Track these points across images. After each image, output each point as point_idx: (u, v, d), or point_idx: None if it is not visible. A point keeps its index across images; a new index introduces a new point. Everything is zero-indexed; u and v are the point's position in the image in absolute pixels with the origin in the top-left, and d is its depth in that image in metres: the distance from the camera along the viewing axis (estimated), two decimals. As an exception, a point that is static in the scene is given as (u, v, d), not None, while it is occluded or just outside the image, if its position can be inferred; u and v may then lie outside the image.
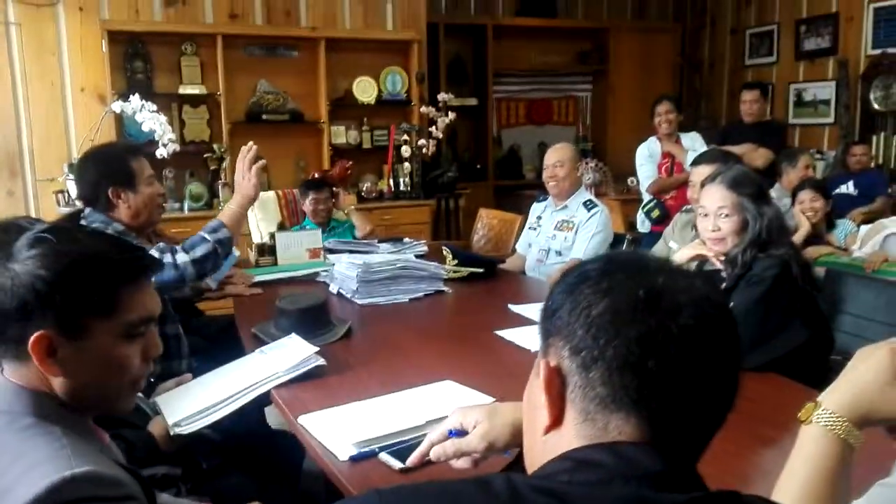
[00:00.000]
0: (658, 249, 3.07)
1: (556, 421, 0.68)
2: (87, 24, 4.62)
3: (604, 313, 0.65)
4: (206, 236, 2.22)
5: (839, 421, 0.90)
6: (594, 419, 0.65)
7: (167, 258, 2.17)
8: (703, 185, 2.11)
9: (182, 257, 2.18)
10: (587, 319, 0.65)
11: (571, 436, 0.67)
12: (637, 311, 0.64)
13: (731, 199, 1.97)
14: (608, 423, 0.65)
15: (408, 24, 5.48)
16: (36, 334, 0.92)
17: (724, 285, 2.00)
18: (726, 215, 1.98)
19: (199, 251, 2.19)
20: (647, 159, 4.37)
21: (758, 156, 4.24)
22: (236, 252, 2.76)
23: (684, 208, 3.24)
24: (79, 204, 2.29)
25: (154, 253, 2.18)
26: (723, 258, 1.99)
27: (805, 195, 3.58)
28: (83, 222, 2.24)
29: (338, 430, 1.47)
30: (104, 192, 2.21)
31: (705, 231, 2.03)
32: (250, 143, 2.39)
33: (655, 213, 4.10)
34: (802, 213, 3.50)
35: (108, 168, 2.24)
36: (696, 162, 2.79)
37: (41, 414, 0.92)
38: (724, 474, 1.36)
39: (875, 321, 2.36)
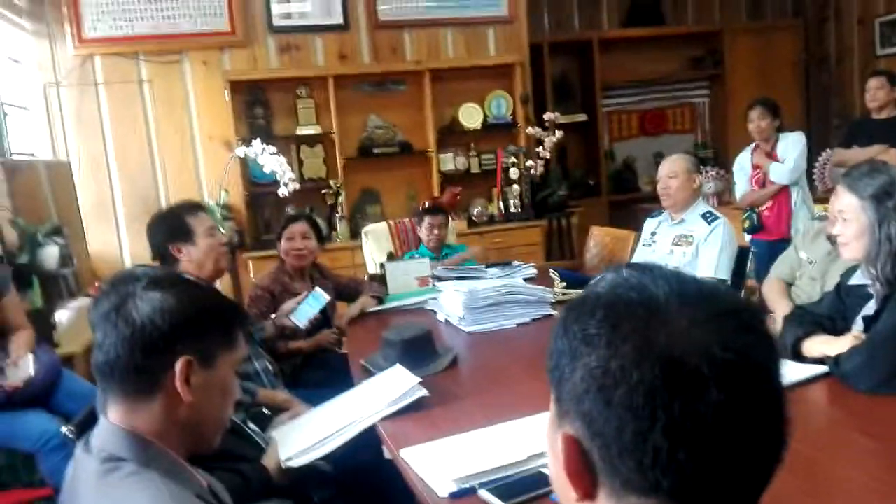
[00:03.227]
0: (789, 257, 2.88)
1: (587, 495, 0.61)
2: (211, 77, 4.96)
3: (614, 400, 0.56)
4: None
5: None
6: (620, 497, 0.59)
7: None
8: None
9: None
10: (605, 402, 0.57)
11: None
12: (656, 395, 0.55)
13: (850, 201, 1.84)
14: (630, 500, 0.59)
15: (510, 49, 5.49)
16: (184, 357, 1.02)
17: (874, 306, 1.83)
18: (845, 219, 1.85)
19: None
20: (738, 171, 4.33)
21: (889, 157, 3.89)
22: (325, 296, 2.83)
23: (818, 214, 3.03)
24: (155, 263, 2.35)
25: None
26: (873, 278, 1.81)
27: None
28: None
29: (439, 464, 1.47)
30: (167, 249, 2.32)
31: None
32: None
33: (746, 224, 4.11)
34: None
35: (166, 226, 2.36)
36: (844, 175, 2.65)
37: (143, 461, 0.99)
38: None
39: None
